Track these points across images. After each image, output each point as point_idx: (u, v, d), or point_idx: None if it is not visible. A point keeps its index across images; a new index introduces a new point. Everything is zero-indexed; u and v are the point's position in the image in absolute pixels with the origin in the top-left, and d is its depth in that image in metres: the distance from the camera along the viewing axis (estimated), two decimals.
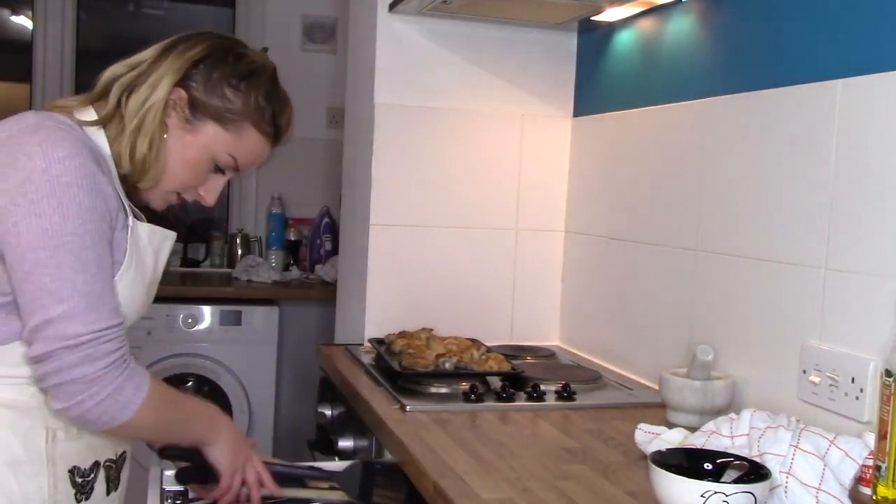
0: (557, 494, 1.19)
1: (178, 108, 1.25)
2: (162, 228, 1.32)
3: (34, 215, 1.09)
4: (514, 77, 2.27)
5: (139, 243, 1.25)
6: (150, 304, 1.35)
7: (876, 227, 1.32)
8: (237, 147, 1.29)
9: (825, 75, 1.43)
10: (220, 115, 1.26)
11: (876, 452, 1.18)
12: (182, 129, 1.26)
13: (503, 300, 2.31)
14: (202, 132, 1.27)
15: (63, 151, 1.12)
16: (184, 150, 1.27)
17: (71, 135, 1.16)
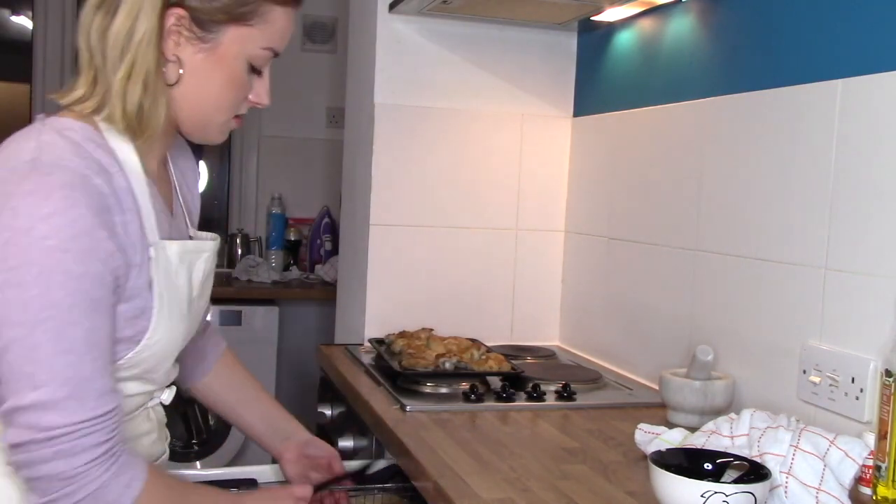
0: (557, 494, 1.19)
1: (183, 29, 1.06)
2: (195, 242, 1.19)
3: (12, 285, 0.93)
4: (514, 77, 2.27)
5: (169, 269, 1.10)
6: (199, 320, 1.24)
7: (876, 227, 1.32)
8: (268, 36, 1.10)
9: (825, 75, 1.43)
10: (235, 11, 1.06)
11: (876, 452, 1.18)
12: (199, 53, 1.07)
13: (503, 300, 2.31)
14: (224, 43, 1.07)
15: (50, 207, 0.94)
16: (213, 72, 1.08)
17: (71, 177, 0.97)
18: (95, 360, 0.97)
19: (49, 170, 0.96)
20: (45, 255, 0.93)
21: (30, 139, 1.01)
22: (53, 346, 0.93)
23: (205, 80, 1.08)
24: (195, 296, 1.18)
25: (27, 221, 0.93)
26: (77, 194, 0.96)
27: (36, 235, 0.93)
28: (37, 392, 0.93)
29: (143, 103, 1.04)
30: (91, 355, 0.96)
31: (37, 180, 0.95)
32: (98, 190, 0.99)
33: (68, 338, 0.94)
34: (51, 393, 0.93)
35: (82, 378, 0.95)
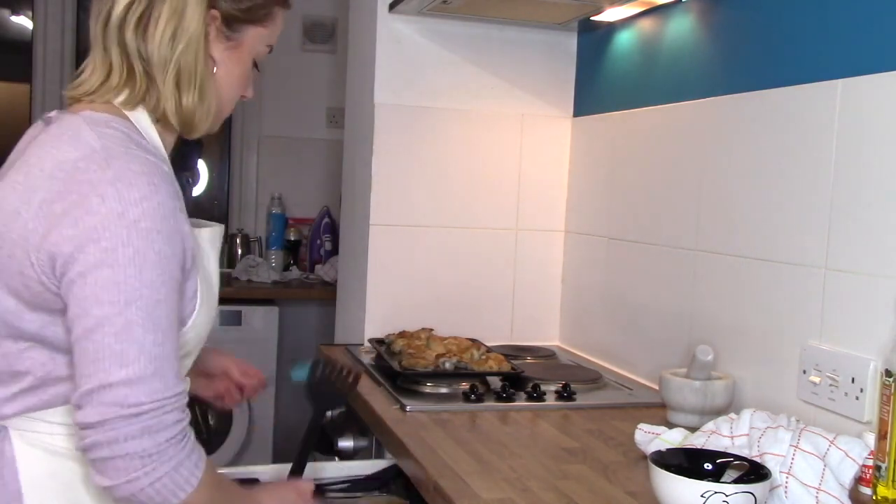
0: (557, 494, 1.19)
1: (214, 30, 1.12)
2: (218, 227, 1.22)
3: (106, 265, 0.96)
4: (514, 77, 2.27)
5: (201, 253, 1.13)
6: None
7: (876, 227, 1.32)
8: (273, 35, 1.20)
9: (825, 75, 1.43)
10: (257, 14, 1.15)
11: (876, 452, 1.18)
12: (227, 51, 1.15)
13: (503, 300, 2.31)
14: (245, 42, 1.16)
15: (139, 192, 0.99)
16: (235, 68, 1.17)
17: (145, 165, 1.02)
18: (174, 339, 1.01)
19: (126, 155, 1.01)
20: (140, 236, 0.97)
21: (81, 131, 1.05)
22: (143, 324, 0.97)
23: (228, 76, 1.17)
24: (216, 280, 1.21)
25: (119, 206, 0.97)
26: (157, 180, 1.01)
27: (129, 218, 0.97)
28: (126, 369, 0.95)
29: (198, 102, 1.11)
30: (171, 334, 1.00)
31: (119, 168, 1.00)
32: (170, 176, 1.05)
33: (155, 317, 0.98)
34: (140, 370, 0.96)
35: (165, 356, 0.98)
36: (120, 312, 0.96)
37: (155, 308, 0.98)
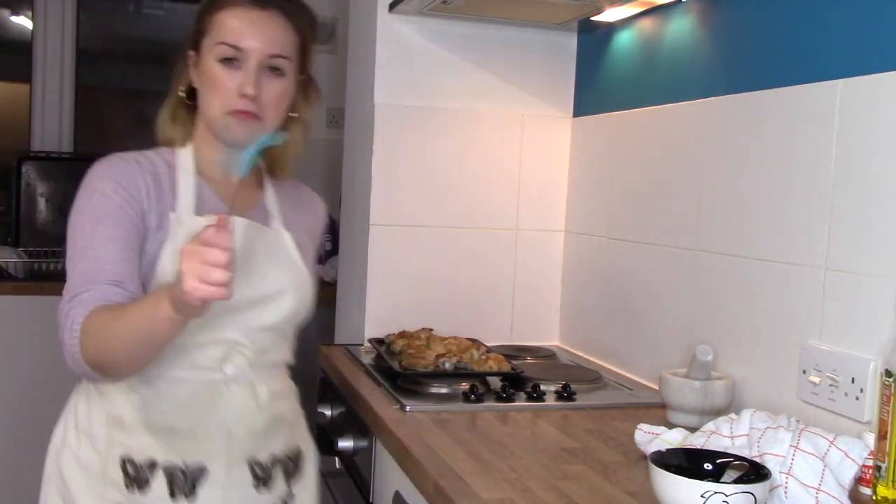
0: (557, 494, 1.19)
1: (192, 62, 1.39)
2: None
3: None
4: (514, 77, 2.27)
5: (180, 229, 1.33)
6: (246, 296, 1.33)
7: (876, 227, 1.32)
8: (219, 33, 1.35)
9: (825, 75, 1.43)
10: (201, 26, 1.38)
11: (876, 452, 1.18)
12: (196, 70, 1.39)
13: (503, 300, 2.31)
14: (202, 54, 1.37)
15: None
16: (202, 80, 1.37)
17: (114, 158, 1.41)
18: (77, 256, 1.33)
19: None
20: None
21: None
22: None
23: (201, 87, 1.38)
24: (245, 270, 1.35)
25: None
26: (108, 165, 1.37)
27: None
28: None
29: (164, 125, 1.44)
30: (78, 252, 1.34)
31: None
32: (129, 165, 1.35)
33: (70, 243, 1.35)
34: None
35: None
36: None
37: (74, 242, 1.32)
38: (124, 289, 1.26)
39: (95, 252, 1.28)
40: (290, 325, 1.47)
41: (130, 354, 1.22)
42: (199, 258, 1.05)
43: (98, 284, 1.25)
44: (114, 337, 1.20)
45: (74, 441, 1.37)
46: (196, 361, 1.34)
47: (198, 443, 1.33)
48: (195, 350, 1.33)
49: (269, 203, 1.48)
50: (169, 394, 1.33)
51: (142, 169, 1.35)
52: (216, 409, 1.35)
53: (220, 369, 1.35)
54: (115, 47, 3.71)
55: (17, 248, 2.84)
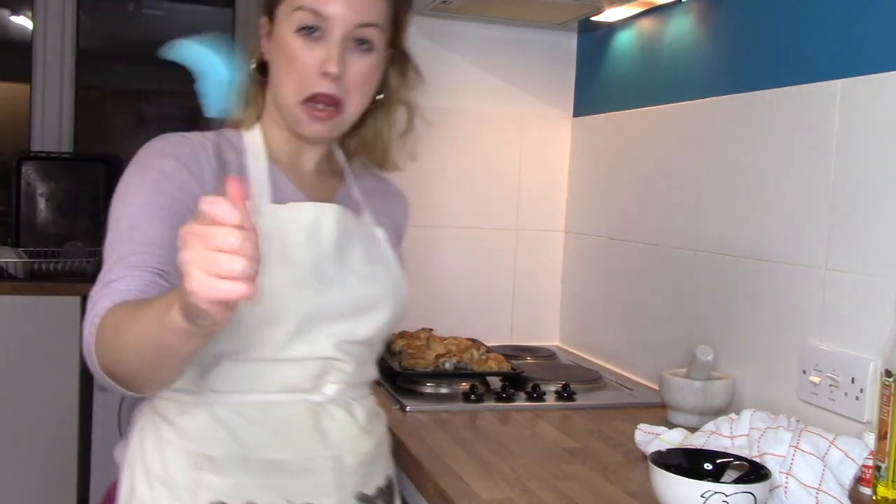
0: (557, 494, 1.19)
1: (265, 30, 1.17)
2: (311, 205, 1.16)
3: None
4: (514, 77, 2.27)
5: (281, 228, 1.12)
6: (347, 289, 1.16)
7: (876, 227, 1.32)
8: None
9: (825, 75, 1.43)
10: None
11: (876, 452, 1.18)
12: (269, 41, 1.17)
13: (503, 300, 2.31)
14: (276, 22, 1.14)
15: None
16: (275, 54, 1.15)
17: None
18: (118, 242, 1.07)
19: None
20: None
21: None
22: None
23: (273, 63, 1.16)
24: (323, 260, 1.14)
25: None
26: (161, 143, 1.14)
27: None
28: None
29: (238, 104, 1.16)
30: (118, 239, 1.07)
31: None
32: (193, 144, 1.13)
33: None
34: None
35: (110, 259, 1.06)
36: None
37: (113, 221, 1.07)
38: (167, 280, 1.00)
39: (143, 233, 1.02)
40: (383, 337, 1.26)
41: (143, 368, 0.93)
42: (205, 243, 0.72)
43: (138, 271, 0.99)
44: (123, 343, 0.91)
45: (147, 493, 1.11)
46: (290, 381, 1.12)
47: (306, 479, 1.11)
48: (288, 367, 1.12)
49: (355, 193, 1.27)
50: (264, 421, 1.11)
51: (206, 150, 1.12)
52: (323, 437, 1.14)
53: (318, 389, 1.14)
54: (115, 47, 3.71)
55: (17, 248, 2.84)
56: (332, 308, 1.12)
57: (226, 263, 0.72)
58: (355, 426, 1.17)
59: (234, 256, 0.72)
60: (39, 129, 3.23)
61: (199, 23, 3.96)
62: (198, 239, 0.72)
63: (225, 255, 0.72)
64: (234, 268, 0.72)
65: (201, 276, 0.72)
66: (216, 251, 0.72)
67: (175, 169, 1.08)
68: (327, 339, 1.14)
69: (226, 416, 1.10)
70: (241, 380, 1.10)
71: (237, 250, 0.72)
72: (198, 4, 4.06)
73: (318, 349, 1.13)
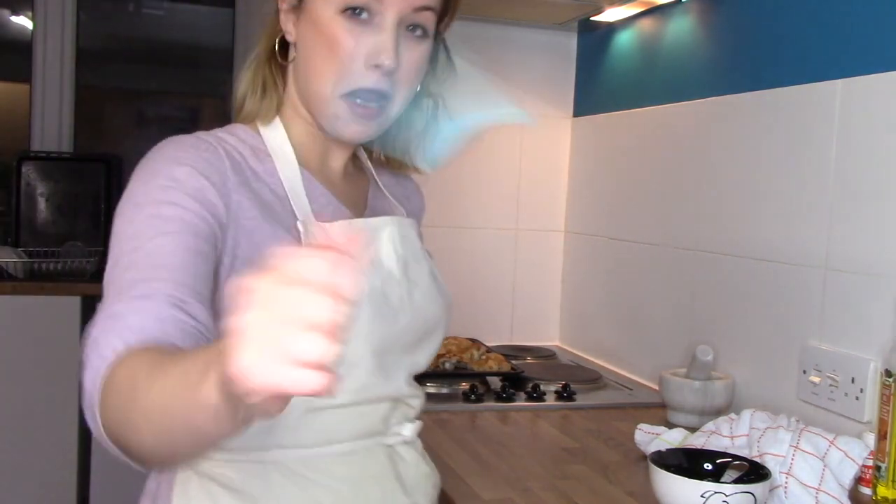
0: (557, 494, 1.19)
1: (289, 7, 0.97)
2: (363, 220, 1.02)
3: None
4: (514, 77, 2.27)
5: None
6: (418, 313, 1.02)
7: (876, 227, 1.32)
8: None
9: (825, 75, 1.43)
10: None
11: (876, 452, 1.18)
12: (299, 22, 0.97)
13: (503, 300, 2.31)
14: (310, 2, 0.95)
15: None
16: (307, 36, 0.95)
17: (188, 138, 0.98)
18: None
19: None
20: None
21: None
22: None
23: (304, 48, 0.96)
24: (389, 282, 0.99)
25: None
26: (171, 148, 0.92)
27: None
28: None
29: (247, 90, 1.00)
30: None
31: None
32: (209, 148, 0.93)
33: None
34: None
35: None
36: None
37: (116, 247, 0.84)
38: (187, 312, 0.78)
39: (149, 254, 0.81)
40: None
41: (163, 444, 0.68)
42: (276, 309, 0.49)
43: (151, 302, 0.77)
44: (140, 409, 0.67)
45: None
46: (367, 426, 0.97)
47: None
48: (365, 410, 0.96)
49: (384, 192, 1.12)
50: (344, 474, 0.94)
51: (222, 157, 0.92)
52: (401, 483, 1.00)
53: (391, 430, 1.00)
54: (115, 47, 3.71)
55: (17, 248, 2.84)
56: (404, 336, 0.98)
57: (302, 343, 0.49)
58: (425, 464, 1.05)
59: (315, 335, 0.49)
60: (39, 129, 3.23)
61: (199, 22, 3.96)
62: (264, 301, 0.49)
63: (302, 330, 0.49)
64: (313, 351, 0.49)
65: (262, 356, 0.49)
66: (289, 324, 0.49)
67: (188, 175, 0.87)
68: (401, 374, 1.00)
69: (300, 474, 0.92)
70: (316, 431, 0.93)
71: (321, 326, 0.49)
72: (198, 4, 4.06)
73: (393, 387, 0.98)
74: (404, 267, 1.03)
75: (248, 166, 0.94)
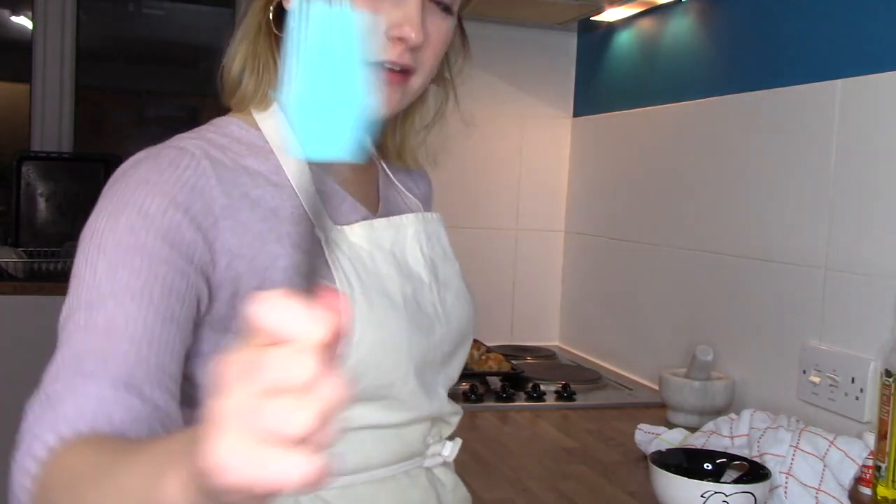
0: (557, 494, 1.19)
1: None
2: (384, 219, 0.92)
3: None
4: (514, 77, 2.27)
5: (360, 254, 0.86)
6: (452, 317, 0.93)
7: (876, 227, 1.32)
8: None
9: (825, 75, 1.43)
10: None
11: (876, 452, 1.18)
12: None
13: (503, 300, 2.31)
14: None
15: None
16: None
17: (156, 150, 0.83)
18: (71, 355, 0.73)
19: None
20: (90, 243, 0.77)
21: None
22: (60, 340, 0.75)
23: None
24: (419, 287, 0.91)
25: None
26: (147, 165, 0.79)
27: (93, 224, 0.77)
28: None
29: (243, 67, 0.88)
30: (68, 351, 0.74)
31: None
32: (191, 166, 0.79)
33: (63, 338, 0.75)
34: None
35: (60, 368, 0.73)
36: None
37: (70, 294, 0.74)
38: (141, 395, 0.67)
39: (109, 318, 0.70)
40: None
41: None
42: (255, 381, 0.40)
43: (94, 379, 0.66)
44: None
45: None
46: (401, 448, 0.87)
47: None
48: (407, 432, 0.88)
49: (393, 180, 1.02)
50: (387, 502, 0.85)
51: (207, 172, 0.78)
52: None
53: (430, 451, 0.91)
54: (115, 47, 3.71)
55: (17, 248, 2.84)
56: (442, 347, 0.89)
57: (282, 418, 0.39)
58: (462, 487, 0.96)
59: (299, 405, 0.39)
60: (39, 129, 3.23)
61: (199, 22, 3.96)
62: (241, 375, 0.40)
63: (282, 402, 0.39)
64: (295, 427, 0.39)
65: (240, 446, 0.40)
66: (268, 396, 0.39)
67: (162, 210, 0.73)
68: (441, 390, 0.91)
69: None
70: (355, 455, 0.84)
71: (306, 390, 0.39)
72: (198, 4, 4.06)
73: (436, 406, 0.90)
74: (433, 269, 0.95)
75: (246, 170, 0.81)
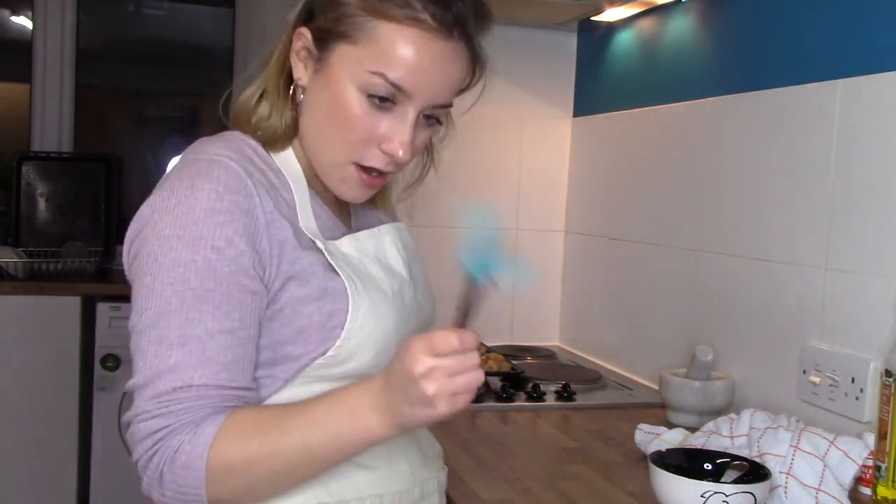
0: (557, 494, 1.19)
1: (304, 51, 0.97)
2: (365, 232, 1.08)
3: (136, 275, 0.94)
4: (514, 77, 2.27)
5: (351, 262, 1.01)
6: (422, 310, 1.15)
7: (876, 227, 1.32)
8: (373, 56, 0.92)
9: (825, 75, 1.43)
10: (339, 28, 0.93)
11: (876, 452, 1.18)
12: (314, 73, 0.96)
13: (503, 300, 2.31)
14: (332, 63, 0.94)
15: (175, 198, 0.95)
16: (322, 94, 0.96)
17: (197, 166, 0.96)
18: (182, 350, 0.89)
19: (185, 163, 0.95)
20: (160, 244, 0.91)
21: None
22: (148, 334, 0.89)
23: (315, 103, 0.97)
24: (399, 281, 1.09)
25: (149, 212, 0.92)
26: (200, 182, 0.91)
27: (158, 227, 0.90)
28: (134, 377, 0.89)
29: (263, 114, 0.99)
30: (181, 345, 0.89)
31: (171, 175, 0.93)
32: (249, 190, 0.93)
33: (161, 327, 0.89)
34: (138, 379, 0.89)
35: (163, 369, 0.88)
36: (135, 323, 0.89)
37: (160, 318, 0.87)
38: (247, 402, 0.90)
39: (204, 348, 0.87)
40: None
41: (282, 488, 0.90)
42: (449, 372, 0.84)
43: (210, 399, 0.87)
44: (268, 473, 0.85)
45: None
46: (426, 449, 1.11)
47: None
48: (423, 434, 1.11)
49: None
50: (370, 452, 0.94)
51: (260, 191, 0.93)
52: (424, 458, 1.09)
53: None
54: (115, 47, 3.71)
55: (17, 248, 2.84)
56: (416, 334, 0.99)
57: (472, 382, 0.85)
58: (437, 442, 1.15)
59: (474, 373, 0.85)
60: (39, 129, 3.23)
61: (199, 22, 3.96)
62: (443, 371, 0.84)
63: (466, 376, 0.84)
64: (474, 384, 0.85)
65: (448, 399, 0.83)
66: (458, 375, 0.84)
67: (229, 243, 0.88)
68: None
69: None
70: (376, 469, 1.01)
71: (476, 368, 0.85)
72: (198, 4, 4.06)
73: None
74: (409, 268, 1.13)
75: (273, 186, 0.95)
